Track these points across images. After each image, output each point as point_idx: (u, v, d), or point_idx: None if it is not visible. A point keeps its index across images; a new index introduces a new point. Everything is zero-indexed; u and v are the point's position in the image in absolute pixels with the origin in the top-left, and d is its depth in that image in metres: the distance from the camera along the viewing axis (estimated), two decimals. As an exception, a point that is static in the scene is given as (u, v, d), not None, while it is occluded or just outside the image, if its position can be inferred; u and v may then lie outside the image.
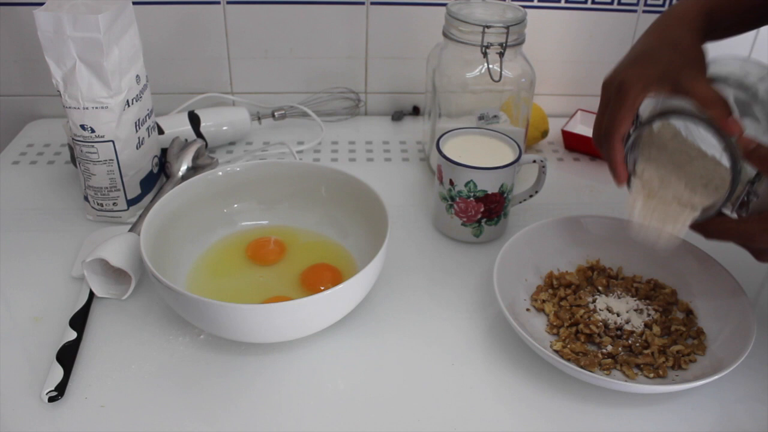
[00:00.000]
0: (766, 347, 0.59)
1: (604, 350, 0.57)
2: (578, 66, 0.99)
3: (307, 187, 0.69)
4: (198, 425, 0.51)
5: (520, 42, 0.75)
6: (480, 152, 0.69)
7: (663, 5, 0.94)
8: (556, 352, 0.57)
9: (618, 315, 0.60)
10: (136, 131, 0.71)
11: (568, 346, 0.57)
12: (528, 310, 0.62)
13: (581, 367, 0.54)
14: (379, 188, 0.64)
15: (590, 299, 0.62)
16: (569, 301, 0.62)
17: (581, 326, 0.59)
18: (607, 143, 0.55)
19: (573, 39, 0.97)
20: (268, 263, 0.66)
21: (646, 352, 0.57)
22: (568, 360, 0.55)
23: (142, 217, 0.69)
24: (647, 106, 0.54)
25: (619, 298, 0.63)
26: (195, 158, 0.78)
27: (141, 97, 0.71)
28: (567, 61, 0.99)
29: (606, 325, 0.59)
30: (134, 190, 0.73)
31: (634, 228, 0.55)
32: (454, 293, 0.65)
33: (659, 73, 0.52)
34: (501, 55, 0.74)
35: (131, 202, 0.73)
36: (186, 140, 0.81)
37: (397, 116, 1.00)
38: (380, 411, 0.53)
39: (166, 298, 0.56)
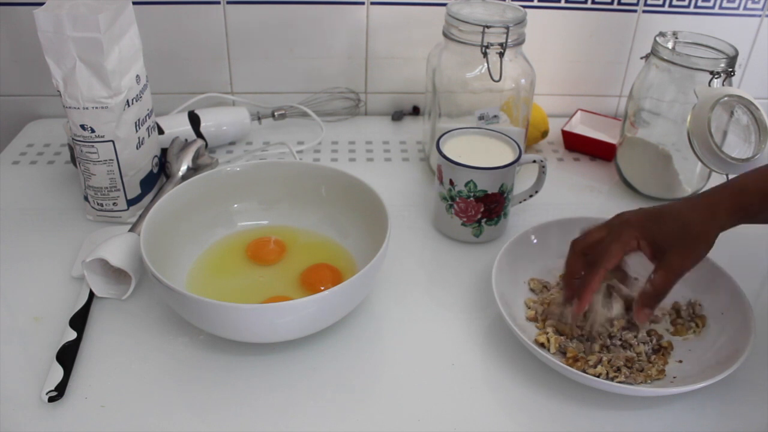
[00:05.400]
0: (766, 347, 0.59)
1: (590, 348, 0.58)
2: (578, 66, 0.99)
3: (307, 187, 0.69)
4: (198, 425, 0.51)
5: (520, 42, 0.75)
6: (480, 152, 0.69)
7: (663, 5, 0.94)
8: (541, 344, 0.57)
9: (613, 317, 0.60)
10: (136, 131, 0.71)
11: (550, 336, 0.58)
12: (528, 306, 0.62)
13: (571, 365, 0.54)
14: (379, 188, 0.64)
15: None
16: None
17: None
18: (593, 271, 0.56)
19: (573, 39, 0.97)
20: (268, 263, 0.66)
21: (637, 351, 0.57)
22: (554, 353, 0.56)
23: (142, 217, 0.69)
24: None
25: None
26: (195, 158, 0.78)
27: (141, 97, 0.71)
28: (567, 61, 0.99)
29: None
30: (134, 190, 0.73)
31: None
32: (454, 293, 0.65)
33: (657, 238, 0.55)
34: (501, 55, 0.74)
35: (131, 202, 0.73)
36: (186, 140, 0.81)
37: (397, 116, 1.00)
38: (380, 411, 0.53)
39: (166, 298, 0.56)
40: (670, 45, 0.76)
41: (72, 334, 0.57)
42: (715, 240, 0.54)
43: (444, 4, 0.78)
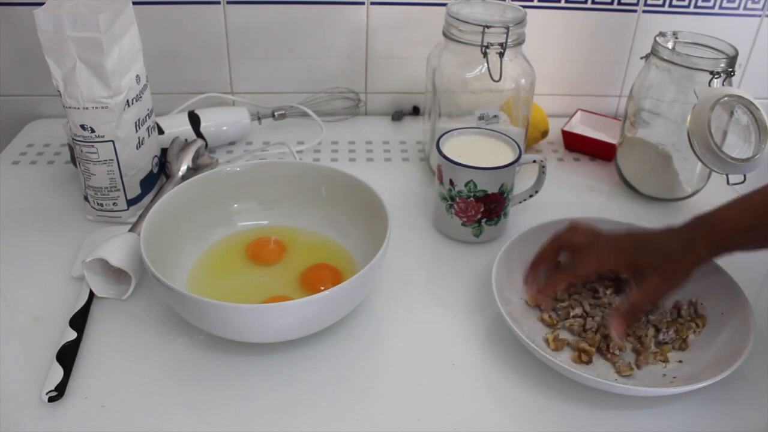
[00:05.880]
0: (766, 347, 0.59)
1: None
2: (578, 66, 0.99)
3: (307, 187, 0.69)
4: (198, 425, 0.51)
5: (520, 42, 0.75)
6: (480, 152, 0.69)
7: (663, 5, 0.94)
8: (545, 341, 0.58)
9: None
10: (136, 131, 0.71)
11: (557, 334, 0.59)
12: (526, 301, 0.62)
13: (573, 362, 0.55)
14: (379, 188, 0.64)
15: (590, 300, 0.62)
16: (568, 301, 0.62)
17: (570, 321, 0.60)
18: (561, 275, 0.59)
19: (573, 39, 0.97)
20: (268, 263, 0.66)
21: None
22: (555, 350, 0.57)
23: (142, 217, 0.69)
24: None
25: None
26: (195, 158, 0.78)
27: (141, 97, 0.71)
28: (567, 61, 0.99)
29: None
30: (134, 190, 0.73)
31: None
32: (454, 293, 0.65)
33: (638, 265, 0.57)
34: (501, 55, 0.74)
35: (131, 202, 0.73)
36: (186, 140, 0.81)
37: (397, 116, 1.00)
38: (380, 411, 0.53)
39: (166, 298, 0.56)
40: (670, 45, 0.76)
41: (72, 334, 0.57)
42: (693, 272, 0.56)
43: (444, 4, 0.78)
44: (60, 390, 0.52)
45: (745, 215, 0.55)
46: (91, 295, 0.62)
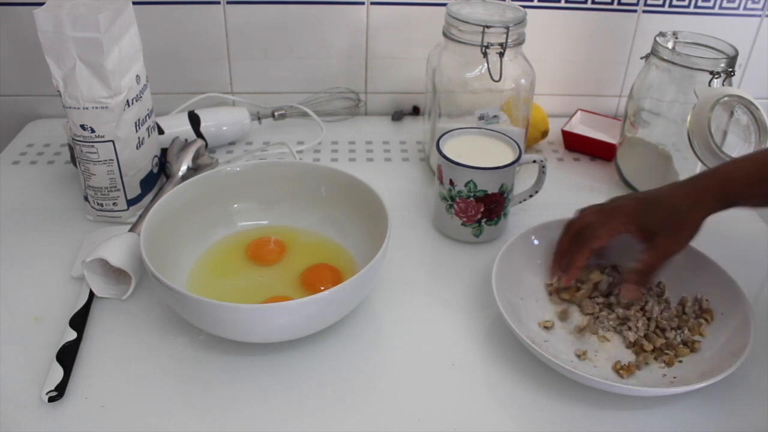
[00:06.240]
0: (766, 347, 0.59)
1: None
2: (578, 66, 0.99)
3: (307, 187, 0.69)
4: (198, 425, 0.51)
5: (520, 42, 0.75)
6: (480, 152, 0.69)
7: (663, 5, 0.94)
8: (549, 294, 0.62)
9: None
10: (136, 131, 0.71)
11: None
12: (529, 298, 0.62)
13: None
14: (379, 188, 0.64)
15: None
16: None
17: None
18: (579, 249, 0.61)
19: (573, 39, 0.97)
20: (268, 263, 0.65)
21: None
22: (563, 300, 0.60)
23: (142, 217, 0.69)
24: None
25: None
26: (195, 158, 0.78)
27: (141, 97, 0.71)
28: (567, 61, 0.99)
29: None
30: (134, 190, 0.73)
31: None
32: (454, 293, 0.65)
33: (647, 224, 0.58)
34: (501, 55, 0.74)
35: (131, 202, 0.73)
36: (186, 140, 0.81)
37: (397, 116, 1.00)
38: (380, 411, 0.53)
39: (166, 298, 0.56)
40: (670, 45, 0.76)
41: (72, 334, 0.57)
42: (702, 224, 0.57)
43: (444, 4, 0.78)
44: (60, 390, 0.52)
45: (753, 167, 0.57)
46: (91, 295, 0.62)
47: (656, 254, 0.58)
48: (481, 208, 0.69)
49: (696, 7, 0.94)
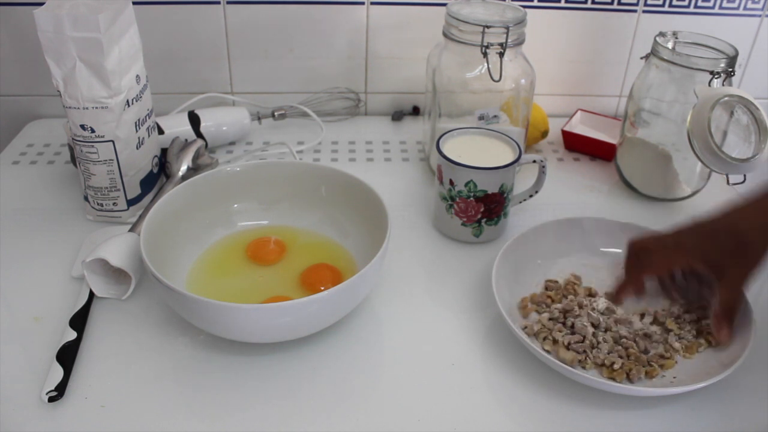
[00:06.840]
0: (766, 347, 0.59)
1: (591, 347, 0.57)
2: (578, 66, 0.99)
3: (307, 187, 0.69)
4: (198, 425, 0.51)
5: (520, 42, 0.75)
6: (480, 152, 0.69)
7: (663, 5, 0.94)
8: (547, 351, 0.57)
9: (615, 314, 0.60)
10: (136, 131, 0.71)
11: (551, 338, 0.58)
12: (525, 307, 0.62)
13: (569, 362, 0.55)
14: (379, 188, 0.64)
15: (590, 301, 0.62)
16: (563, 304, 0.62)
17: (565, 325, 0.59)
18: (635, 275, 0.60)
19: (573, 39, 0.97)
20: (268, 263, 0.66)
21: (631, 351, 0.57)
22: (548, 352, 0.56)
23: (142, 217, 0.69)
24: None
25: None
26: (195, 158, 0.78)
27: (141, 97, 0.71)
28: (567, 61, 0.99)
29: (595, 326, 0.59)
30: (134, 190, 0.73)
31: None
32: (454, 293, 0.65)
33: (714, 257, 0.55)
34: (501, 55, 0.74)
35: (131, 202, 0.73)
36: (186, 140, 0.81)
37: (397, 116, 1.00)
38: (380, 411, 0.53)
39: (166, 298, 0.56)
40: (670, 45, 0.76)
41: (72, 334, 0.57)
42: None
43: (444, 4, 0.78)
44: (60, 390, 0.52)
45: None
46: (91, 295, 0.62)
47: (732, 289, 0.54)
48: (481, 208, 0.69)
49: (696, 7, 0.94)
